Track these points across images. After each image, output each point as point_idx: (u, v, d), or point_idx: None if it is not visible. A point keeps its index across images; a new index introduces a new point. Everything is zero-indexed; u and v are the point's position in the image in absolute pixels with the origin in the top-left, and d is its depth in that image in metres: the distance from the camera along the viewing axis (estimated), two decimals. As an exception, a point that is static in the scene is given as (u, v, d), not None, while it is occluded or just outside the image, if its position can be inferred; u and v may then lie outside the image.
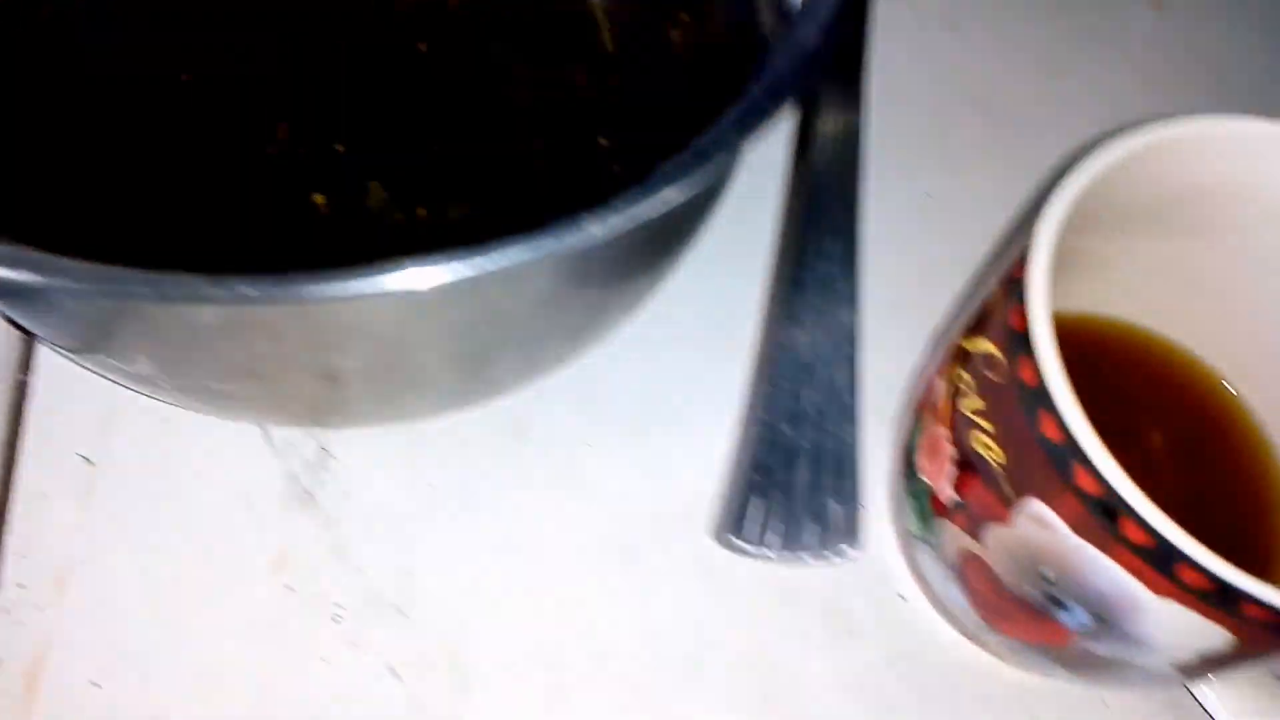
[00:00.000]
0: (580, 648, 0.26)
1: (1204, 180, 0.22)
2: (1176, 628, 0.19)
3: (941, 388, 0.22)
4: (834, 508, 0.19)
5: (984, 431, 0.20)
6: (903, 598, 0.27)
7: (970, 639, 0.26)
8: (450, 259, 0.16)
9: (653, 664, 0.26)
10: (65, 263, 0.15)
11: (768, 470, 0.19)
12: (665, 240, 0.22)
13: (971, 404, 0.21)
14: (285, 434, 0.28)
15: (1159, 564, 0.18)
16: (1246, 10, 0.39)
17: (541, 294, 0.20)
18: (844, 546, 0.19)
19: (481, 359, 0.22)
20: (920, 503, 0.24)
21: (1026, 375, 0.19)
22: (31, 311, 0.20)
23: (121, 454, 0.27)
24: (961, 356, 0.22)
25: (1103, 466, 0.17)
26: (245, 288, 0.15)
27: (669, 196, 0.16)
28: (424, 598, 0.26)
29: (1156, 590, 0.18)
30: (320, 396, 0.21)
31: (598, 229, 0.16)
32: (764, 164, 0.31)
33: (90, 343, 0.20)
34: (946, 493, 0.22)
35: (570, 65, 0.29)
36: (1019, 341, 0.19)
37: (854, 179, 0.24)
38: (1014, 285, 0.20)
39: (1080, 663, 0.22)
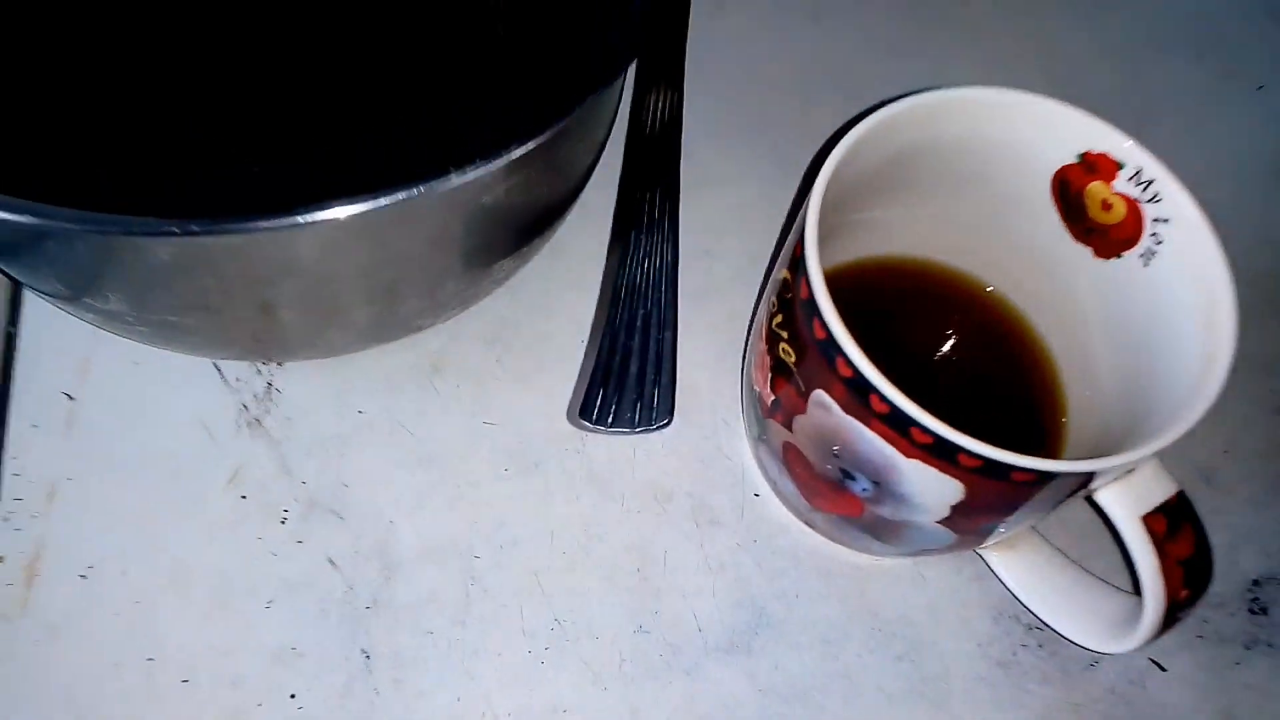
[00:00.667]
0: (488, 540, 0.31)
1: (951, 138, 0.27)
2: (925, 482, 0.24)
3: (764, 314, 0.28)
4: (656, 393, 0.24)
5: (785, 341, 0.26)
6: (757, 495, 0.33)
7: (805, 523, 0.31)
8: (347, 199, 0.21)
9: (549, 552, 0.31)
10: (62, 210, 0.20)
11: (608, 368, 0.24)
12: (543, 195, 0.27)
13: (777, 320, 0.26)
14: (237, 371, 0.33)
15: (898, 428, 0.23)
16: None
17: (430, 237, 0.25)
18: (661, 422, 0.24)
19: (390, 294, 0.27)
20: (755, 409, 0.29)
21: (804, 291, 0.24)
22: (26, 261, 0.25)
23: (98, 390, 0.32)
24: (772, 285, 0.27)
25: (852, 355, 0.23)
26: (194, 225, 0.20)
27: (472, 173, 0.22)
28: (356, 503, 0.31)
29: (904, 452, 0.23)
30: (259, 327, 0.26)
31: (457, 176, 0.21)
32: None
33: (71, 284, 0.25)
34: (767, 395, 0.27)
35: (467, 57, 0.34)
36: (799, 265, 0.24)
37: (676, 146, 0.29)
38: (799, 223, 0.25)
39: (879, 530, 0.28)
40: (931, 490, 0.24)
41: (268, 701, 0.29)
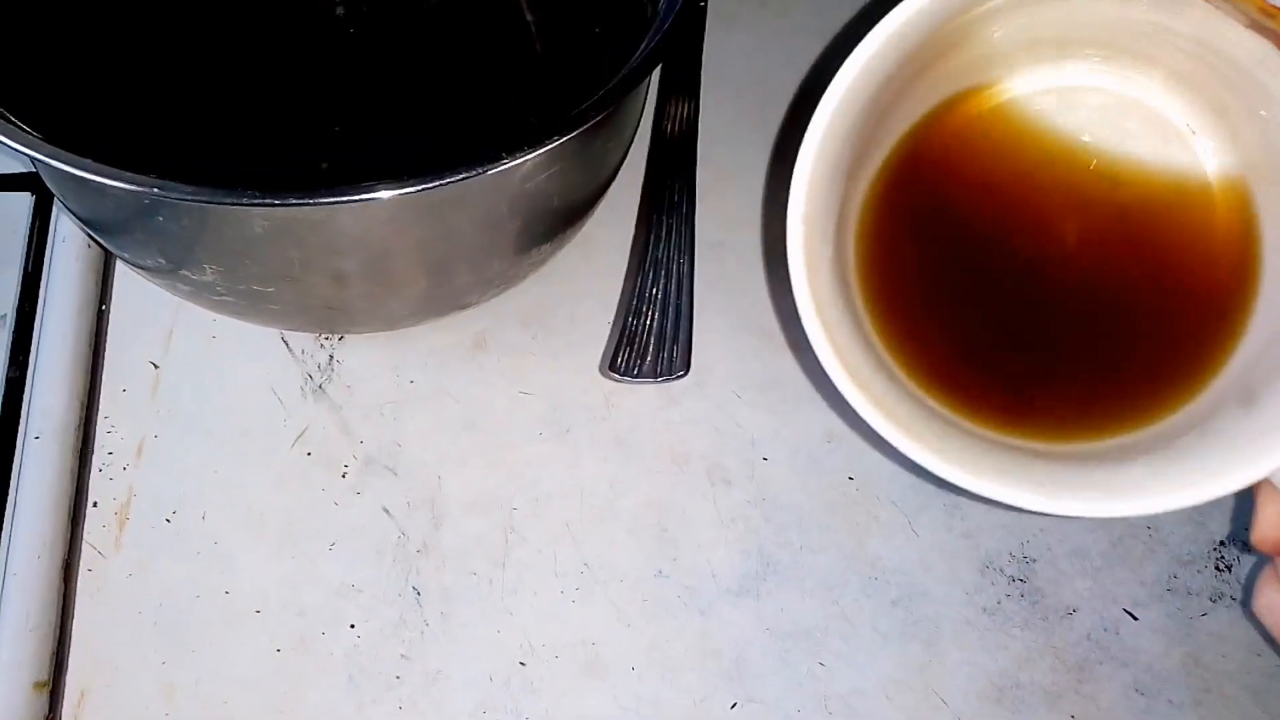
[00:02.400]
0: (524, 495, 0.35)
1: None
2: None
3: None
4: (675, 349, 0.28)
5: None
6: (765, 459, 0.36)
7: None
8: (416, 178, 0.25)
9: (579, 506, 0.35)
10: (182, 185, 0.24)
11: (633, 329, 0.28)
12: (569, 186, 0.31)
13: None
14: (302, 344, 0.37)
15: None
16: None
17: (481, 217, 0.29)
18: (680, 373, 0.28)
19: (443, 269, 0.31)
20: None
21: None
22: (135, 236, 0.29)
23: (180, 359, 0.36)
24: None
25: None
26: (293, 197, 0.24)
27: (529, 154, 0.26)
28: (408, 461, 0.35)
29: None
30: (332, 296, 0.30)
31: (510, 159, 0.25)
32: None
33: (172, 257, 0.29)
34: None
35: (509, 64, 0.38)
36: None
37: (694, 144, 0.33)
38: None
39: None
40: None
41: (330, 630, 0.32)
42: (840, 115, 0.24)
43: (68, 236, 0.38)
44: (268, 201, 0.24)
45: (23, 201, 0.39)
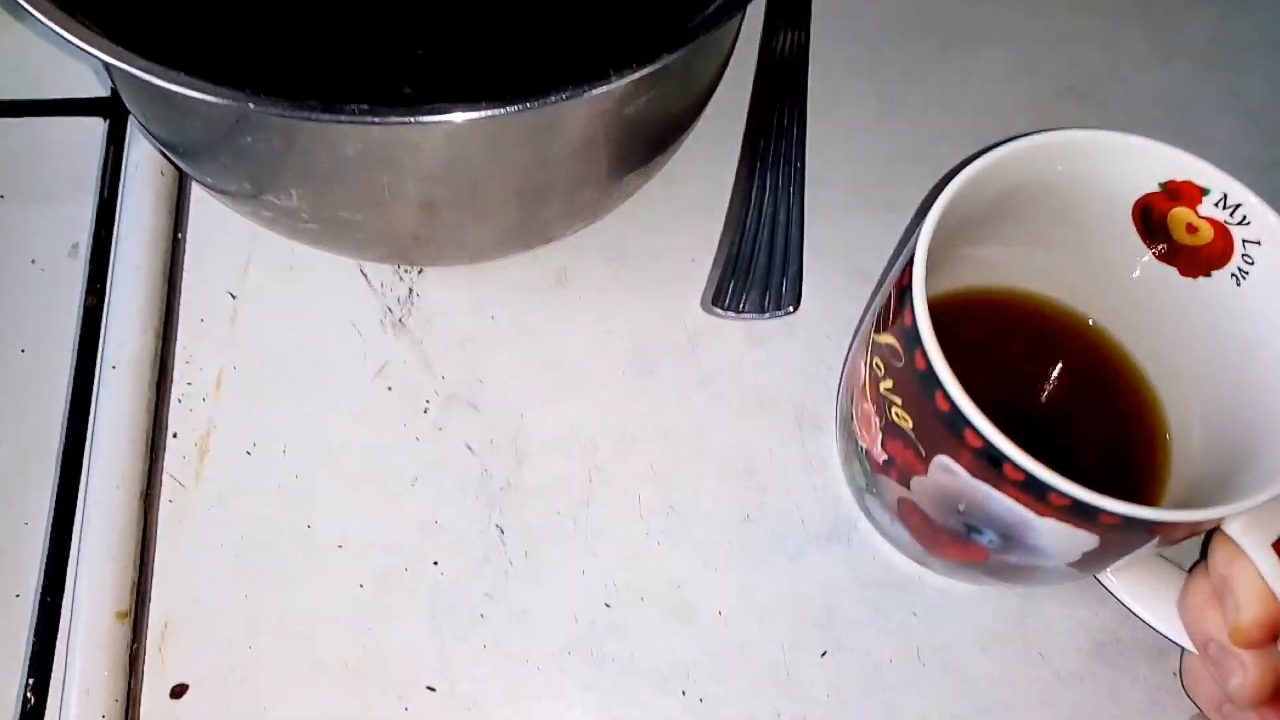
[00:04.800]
0: (608, 434, 0.34)
1: (1043, 177, 0.28)
2: (1060, 538, 0.24)
3: (863, 372, 0.29)
4: (784, 282, 0.26)
5: (897, 405, 0.26)
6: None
7: (918, 563, 0.32)
8: (510, 101, 0.24)
9: (663, 446, 0.34)
10: (282, 100, 0.23)
11: (739, 261, 0.27)
12: (667, 113, 0.30)
13: (886, 385, 0.26)
14: (381, 276, 0.36)
15: (1034, 493, 0.23)
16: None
17: (576, 140, 0.28)
18: (789, 308, 0.26)
19: (535, 198, 0.30)
20: (862, 463, 0.30)
21: (919, 363, 0.24)
22: (222, 158, 0.28)
23: (257, 290, 0.36)
24: (874, 347, 0.27)
25: (983, 428, 0.23)
26: (394, 115, 0.23)
27: (649, 66, 0.24)
28: (490, 397, 0.34)
29: (1038, 512, 0.24)
30: (419, 223, 0.29)
31: (614, 80, 0.24)
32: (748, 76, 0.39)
33: (259, 181, 0.28)
34: (879, 454, 0.28)
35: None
36: (911, 336, 0.25)
37: (804, 69, 0.31)
38: (903, 291, 0.25)
39: (1002, 572, 0.29)
40: (1065, 541, 0.25)
41: (413, 567, 0.32)
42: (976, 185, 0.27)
43: (140, 163, 0.37)
44: (370, 119, 0.23)
45: (96, 127, 0.38)
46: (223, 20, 0.34)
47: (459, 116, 0.23)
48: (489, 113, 0.23)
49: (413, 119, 0.23)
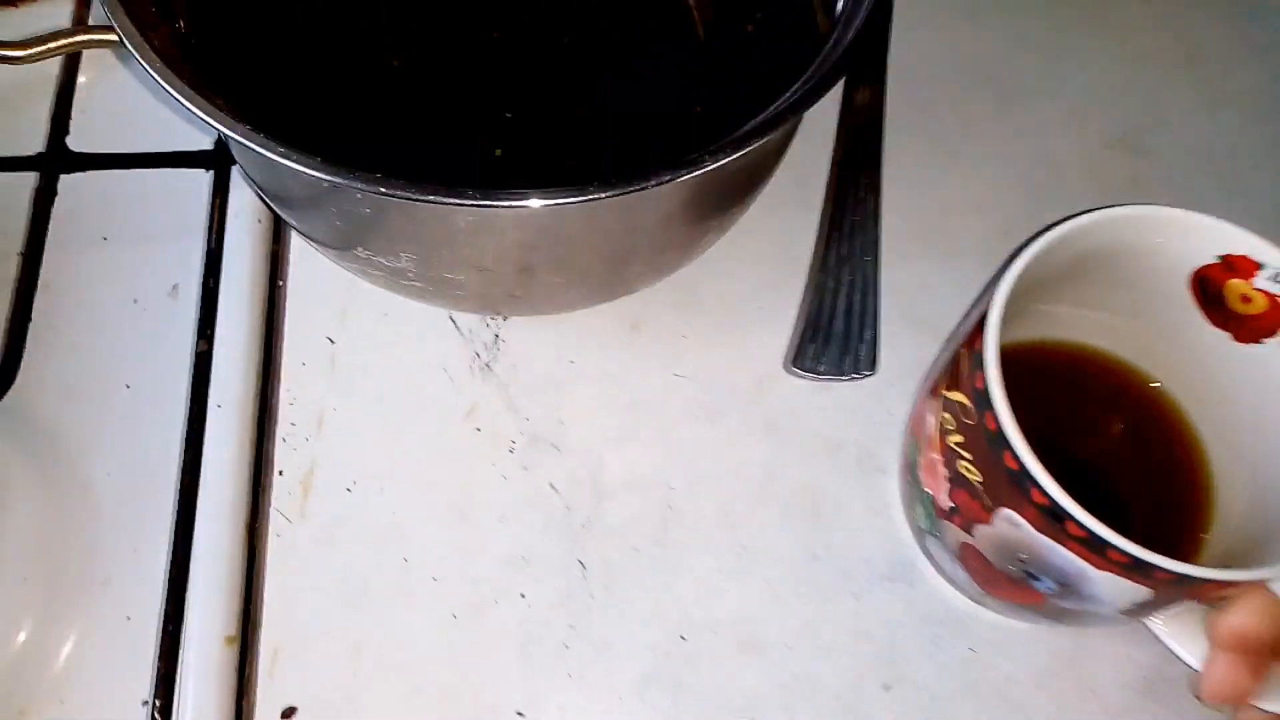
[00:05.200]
0: (681, 475, 0.36)
1: (1111, 246, 0.30)
2: (1115, 589, 0.26)
3: (931, 422, 0.30)
4: (861, 347, 0.28)
5: (965, 459, 0.28)
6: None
7: (975, 602, 0.34)
8: (614, 184, 0.26)
9: (733, 487, 0.36)
10: (397, 182, 0.25)
11: (817, 325, 0.29)
12: (749, 177, 0.32)
13: (955, 439, 0.28)
14: (469, 324, 0.38)
15: (1094, 549, 0.25)
16: None
17: (666, 211, 0.30)
18: (867, 372, 0.28)
19: (624, 261, 0.32)
20: (926, 508, 0.32)
21: (990, 424, 0.26)
22: (345, 228, 0.30)
23: (355, 336, 0.38)
24: (945, 403, 0.29)
25: (1049, 489, 0.25)
26: (503, 198, 0.25)
27: (755, 144, 0.26)
28: (571, 438, 0.37)
29: (1096, 566, 0.26)
30: (517, 284, 0.32)
31: (708, 162, 0.26)
32: (814, 129, 0.41)
33: (369, 244, 0.31)
34: (944, 501, 0.30)
35: (672, 53, 0.39)
36: (982, 398, 0.26)
37: (879, 133, 0.33)
38: (974, 353, 0.27)
39: (1056, 614, 0.31)
40: (1120, 592, 0.27)
41: (502, 599, 0.34)
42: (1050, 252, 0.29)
43: (240, 212, 0.40)
44: (486, 204, 0.25)
45: (201, 179, 0.41)
46: (325, 82, 0.37)
47: (564, 200, 0.25)
48: (594, 197, 0.26)
49: (522, 203, 0.25)
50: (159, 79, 0.27)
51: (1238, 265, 0.29)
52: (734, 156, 0.26)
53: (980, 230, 0.41)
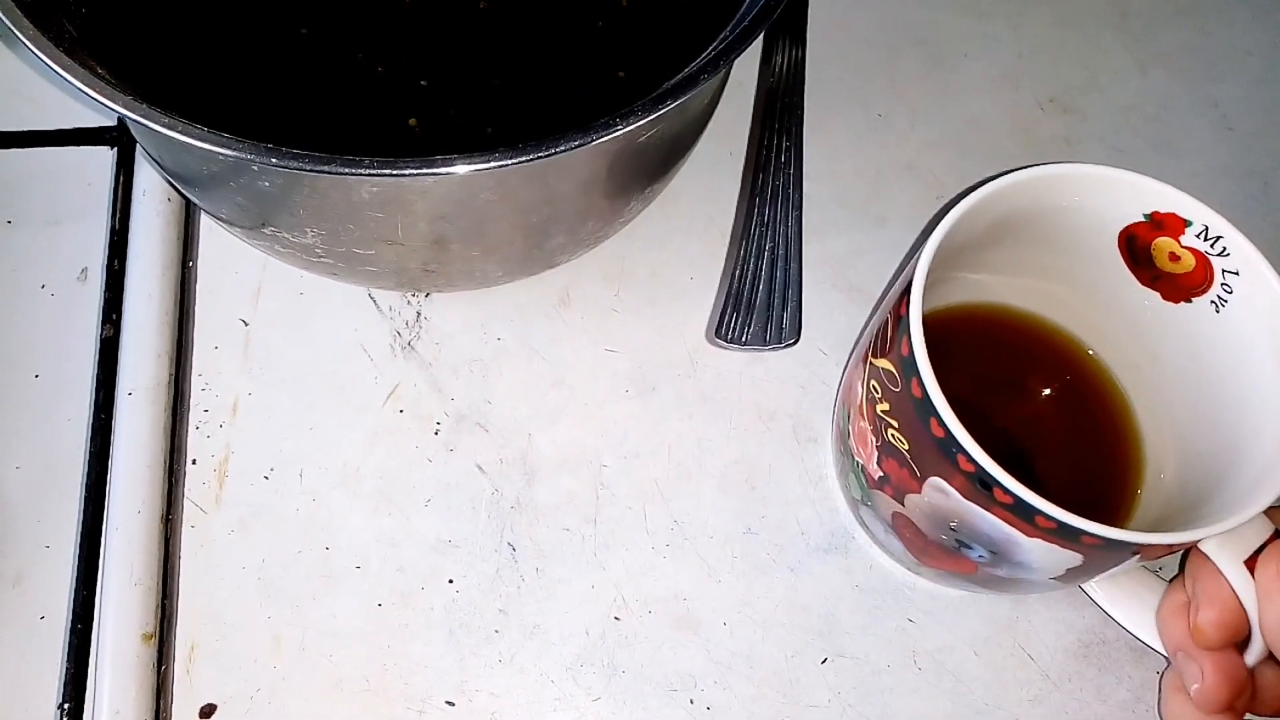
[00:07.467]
0: (614, 452, 0.35)
1: (1043, 209, 0.29)
2: (1045, 555, 0.26)
3: (860, 390, 0.29)
4: (785, 315, 0.28)
5: (893, 427, 0.27)
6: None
7: (911, 572, 0.34)
8: (524, 149, 0.25)
9: (667, 463, 0.35)
10: (295, 151, 0.24)
11: (739, 294, 0.28)
12: (671, 144, 0.31)
13: (883, 407, 0.28)
14: (389, 301, 0.37)
15: (1023, 516, 0.25)
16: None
17: (584, 179, 0.29)
18: (790, 341, 0.28)
19: (542, 231, 0.31)
20: (858, 477, 0.31)
21: (916, 391, 0.26)
22: (242, 201, 0.29)
23: (269, 317, 0.37)
24: (871, 370, 0.28)
25: (976, 455, 0.25)
26: (406, 166, 0.24)
27: (669, 105, 0.25)
28: (499, 418, 0.36)
29: (1025, 533, 0.25)
30: (430, 258, 0.30)
31: (626, 124, 0.25)
32: (744, 95, 0.40)
33: (279, 222, 0.29)
34: (875, 470, 0.30)
35: (594, 17, 0.38)
36: (908, 365, 0.26)
37: (800, 94, 0.32)
38: (900, 320, 0.27)
39: (991, 583, 0.30)
40: (1050, 558, 0.26)
41: (429, 585, 0.33)
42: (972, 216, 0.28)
43: (148, 190, 0.38)
44: (388, 172, 0.24)
45: (104, 156, 0.39)
46: (230, 54, 0.35)
47: (471, 166, 0.24)
48: (500, 163, 0.24)
49: (428, 170, 0.24)
50: (32, 46, 0.26)
51: (1165, 223, 0.29)
52: (647, 119, 0.25)
53: (912, 194, 0.40)
